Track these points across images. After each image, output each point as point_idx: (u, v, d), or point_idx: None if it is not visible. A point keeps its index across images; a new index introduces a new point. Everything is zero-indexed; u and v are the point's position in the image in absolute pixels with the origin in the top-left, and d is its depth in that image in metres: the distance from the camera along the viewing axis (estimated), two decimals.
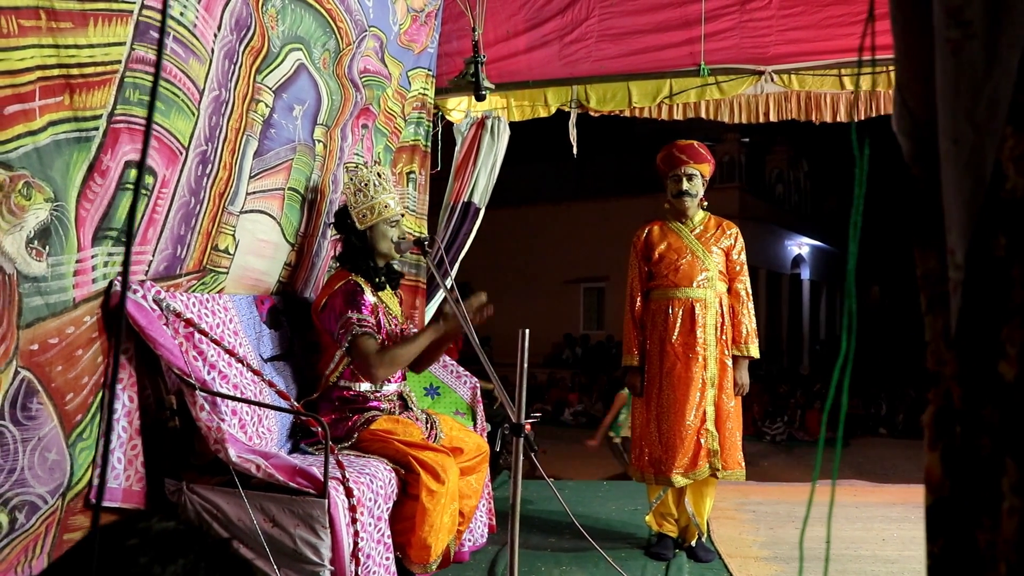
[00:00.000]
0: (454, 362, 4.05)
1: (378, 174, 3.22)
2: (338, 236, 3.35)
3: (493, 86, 3.78)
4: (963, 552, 0.64)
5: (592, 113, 5.00)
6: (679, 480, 3.64)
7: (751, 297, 3.81)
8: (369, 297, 3.09)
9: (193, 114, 2.62)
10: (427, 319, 4.68)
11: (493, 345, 13.84)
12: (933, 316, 0.70)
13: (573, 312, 19.94)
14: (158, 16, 2.37)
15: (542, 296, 19.08)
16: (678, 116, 5.01)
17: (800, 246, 22.57)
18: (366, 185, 3.16)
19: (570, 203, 19.52)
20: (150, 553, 0.75)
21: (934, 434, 0.68)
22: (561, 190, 19.80)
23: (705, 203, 3.85)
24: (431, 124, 4.68)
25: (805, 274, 23.40)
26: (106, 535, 0.79)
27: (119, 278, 2.36)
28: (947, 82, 0.65)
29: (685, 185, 3.74)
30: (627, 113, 4.98)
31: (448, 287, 2.81)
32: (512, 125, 4.98)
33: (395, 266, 3.38)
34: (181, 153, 2.59)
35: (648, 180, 16.02)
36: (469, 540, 3.43)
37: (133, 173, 2.35)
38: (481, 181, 4.87)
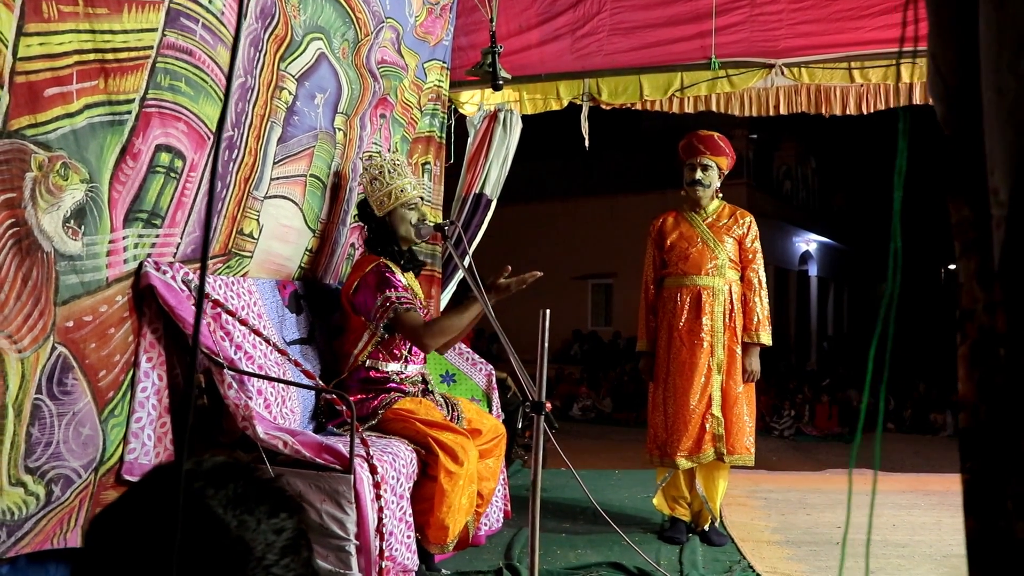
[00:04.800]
0: (469, 349, 4.11)
1: (393, 161, 3.30)
2: (361, 224, 3.42)
3: (510, 76, 3.83)
4: (1002, 471, 0.69)
5: (604, 106, 5.03)
6: (683, 463, 3.70)
7: (764, 285, 3.86)
8: (400, 276, 3.17)
9: (220, 100, 2.68)
10: (443, 306, 4.73)
11: (502, 340, 13.81)
12: (967, 259, 0.76)
13: (581, 308, 19.95)
14: (188, 3, 2.44)
15: (550, 292, 19.00)
16: (689, 109, 5.05)
17: (808, 243, 22.53)
18: (381, 172, 3.25)
19: (578, 199, 19.50)
20: (203, 479, 0.79)
21: (970, 364, 0.73)
22: (569, 186, 19.78)
23: (720, 195, 3.92)
24: (446, 116, 4.73)
25: (813, 271, 23.35)
26: (162, 470, 0.83)
27: (149, 259, 2.43)
28: (991, 36, 0.70)
29: (699, 174, 3.81)
30: (639, 106, 5.01)
31: (466, 266, 2.86)
32: (521, 120, 5.02)
33: (417, 255, 3.45)
34: (209, 138, 2.65)
35: (656, 176, 16.07)
36: (485, 524, 3.48)
37: (163, 156, 2.42)
38: (493, 173, 4.91)
